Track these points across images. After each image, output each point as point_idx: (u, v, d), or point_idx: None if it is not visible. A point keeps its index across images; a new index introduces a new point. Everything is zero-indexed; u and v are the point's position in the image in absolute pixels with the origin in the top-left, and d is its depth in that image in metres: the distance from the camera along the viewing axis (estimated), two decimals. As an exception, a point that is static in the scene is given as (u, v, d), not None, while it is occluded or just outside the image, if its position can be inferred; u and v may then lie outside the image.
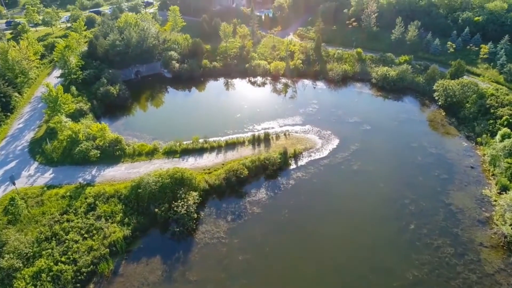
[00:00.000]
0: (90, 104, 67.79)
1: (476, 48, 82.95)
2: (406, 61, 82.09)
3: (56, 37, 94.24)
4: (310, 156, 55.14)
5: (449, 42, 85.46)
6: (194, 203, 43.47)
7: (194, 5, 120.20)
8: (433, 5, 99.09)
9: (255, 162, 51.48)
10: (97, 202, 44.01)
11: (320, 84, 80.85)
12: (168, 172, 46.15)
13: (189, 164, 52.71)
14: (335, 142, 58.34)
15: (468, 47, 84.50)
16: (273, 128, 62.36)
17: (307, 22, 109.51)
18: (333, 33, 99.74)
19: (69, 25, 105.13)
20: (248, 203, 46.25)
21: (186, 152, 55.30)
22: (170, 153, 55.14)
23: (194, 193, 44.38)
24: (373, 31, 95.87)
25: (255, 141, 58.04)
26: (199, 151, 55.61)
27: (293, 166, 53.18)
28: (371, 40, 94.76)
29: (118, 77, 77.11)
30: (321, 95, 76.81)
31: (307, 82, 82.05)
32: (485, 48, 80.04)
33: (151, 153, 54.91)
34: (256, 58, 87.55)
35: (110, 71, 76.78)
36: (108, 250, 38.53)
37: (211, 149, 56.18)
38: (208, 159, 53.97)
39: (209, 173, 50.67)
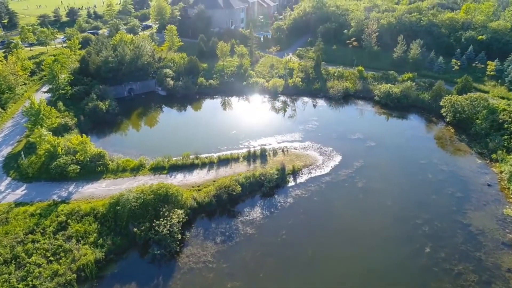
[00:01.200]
0: (76, 119, 63.84)
1: (482, 66, 79.95)
2: (409, 78, 78.88)
3: (49, 56, 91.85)
4: (310, 173, 50.40)
5: (453, 60, 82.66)
6: (178, 222, 38.39)
7: (192, 27, 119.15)
8: (434, 25, 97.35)
9: (250, 178, 46.72)
10: (69, 220, 38.97)
11: (320, 102, 77.24)
12: (151, 187, 41.33)
13: (177, 180, 47.97)
14: (337, 159, 53.74)
15: (474, 64, 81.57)
16: (270, 144, 57.96)
17: (307, 43, 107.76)
18: (333, 53, 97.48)
19: (65, 45, 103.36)
20: (240, 223, 41.07)
21: (175, 168, 50.69)
22: (157, 169, 50.53)
23: (179, 211, 39.36)
24: (374, 51, 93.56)
25: (250, 157, 53.52)
26: (189, 167, 51.01)
27: (291, 183, 48.35)
28: (372, 59, 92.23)
29: (109, 93, 73.69)
30: (322, 112, 73.03)
31: (306, 99, 78.51)
32: (492, 65, 76.92)
33: (136, 169, 50.30)
34: (254, 76, 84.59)
35: (101, 87, 73.48)
36: (75, 275, 33.13)
37: (202, 165, 51.59)
38: (198, 176, 49.25)
39: (199, 190, 45.80)
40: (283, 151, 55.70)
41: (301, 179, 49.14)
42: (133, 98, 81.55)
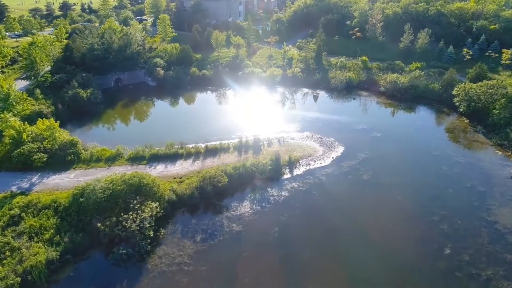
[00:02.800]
0: (53, 108, 58.22)
1: (496, 55, 74.02)
2: (418, 68, 73.04)
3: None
4: (309, 164, 44.46)
5: (464, 49, 76.76)
6: (151, 216, 32.49)
7: (188, 19, 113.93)
8: (442, 15, 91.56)
9: (239, 169, 40.81)
10: (23, 214, 33.09)
11: (321, 93, 71.42)
12: (123, 177, 35.48)
13: (157, 171, 42.13)
14: (339, 150, 47.81)
15: (487, 54, 75.64)
16: (265, 135, 52.05)
17: (308, 36, 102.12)
18: (335, 44, 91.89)
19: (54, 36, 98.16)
20: (226, 218, 35.11)
21: (156, 158, 44.90)
22: (136, 159, 44.74)
23: (153, 204, 33.45)
24: (378, 41, 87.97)
25: (242, 147, 47.66)
26: (172, 157, 45.20)
27: (287, 175, 42.40)
28: (376, 50, 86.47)
29: (92, 81, 68.12)
30: (322, 103, 67.25)
31: (306, 90, 72.75)
32: (507, 53, 70.97)
33: (112, 159, 44.53)
34: (250, 66, 78.90)
35: (84, 75, 67.96)
36: (19, 279, 27.20)
37: (188, 156, 45.75)
38: (182, 167, 43.40)
39: (180, 181, 39.91)
40: (279, 141, 49.82)
41: (298, 171, 43.21)
42: (121, 89, 76.00)
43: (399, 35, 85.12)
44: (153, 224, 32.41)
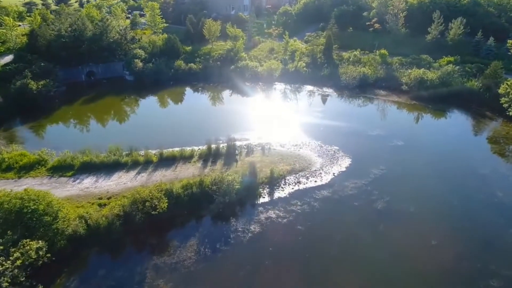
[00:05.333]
0: (-8, 101, 47.31)
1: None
2: (450, 62, 58.97)
3: None
4: (299, 182, 31.28)
5: (509, 41, 62.12)
6: (22, 265, 19.98)
7: (186, 12, 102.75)
8: (478, 4, 77.10)
9: (192, 188, 27.98)
10: None
11: (329, 91, 58.13)
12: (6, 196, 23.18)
13: (82, 186, 29.90)
14: (344, 163, 34.47)
15: (538, 47, 60.97)
16: (247, 140, 39.25)
17: (318, 29, 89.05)
18: (349, 37, 78.46)
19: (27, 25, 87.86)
20: (152, 270, 22.25)
21: (88, 168, 32.68)
22: (61, 168, 32.69)
23: (34, 245, 20.91)
24: (400, 34, 74.20)
25: (210, 156, 34.96)
26: (111, 167, 32.92)
27: (264, 198, 29.32)
28: (398, 44, 72.57)
29: (53, 73, 57.01)
30: (329, 103, 54.03)
31: (311, 88, 59.61)
32: None
33: (29, 168, 32.54)
34: (245, 59, 66.40)
35: (42, 64, 56.85)
36: None
37: (133, 165, 33.37)
38: (119, 181, 30.95)
39: (105, 204, 27.39)
40: (263, 148, 36.88)
41: (282, 191, 30.07)
42: (93, 84, 64.54)
43: (424, 27, 71.27)
44: (27, 274, 19.93)
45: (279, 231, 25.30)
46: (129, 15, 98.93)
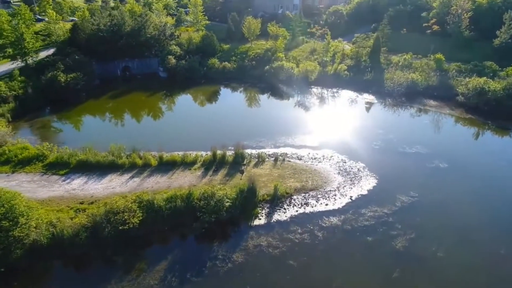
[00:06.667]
0: (22, 91, 48.15)
1: None
2: (520, 71, 49.88)
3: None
4: (306, 204, 26.47)
5: None
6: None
7: (232, 11, 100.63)
8: None
9: (175, 201, 24.45)
10: None
11: (370, 98, 51.88)
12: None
13: (69, 187, 27.87)
14: (366, 184, 28.96)
15: None
16: (262, 148, 35.10)
17: (370, 30, 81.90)
18: (402, 40, 70.60)
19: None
20: (107, 296, 19.07)
21: (83, 167, 30.72)
22: (56, 166, 31.08)
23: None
24: (463, 37, 65.02)
25: (214, 163, 31.34)
26: (105, 168, 30.60)
27: (260, 220, 24.97)
28: (459, 48, 63.79)
29: (87, 66, 57.24)
30: (366, 111, 48.12)
31: (349, 93, 53.79)
32: None
33: (26, 162, 31.33)
34: (282, 60, 62.02)
35: (77, 57, 57.23)
36: None
37: (130, 168, 30.84)
38: (108, 184, 28.44)
39: (84, 210, 24.88)
40: (276, 159, 32.45)
41: (284, 214, 25.51)
42: (128, 79, 64.33)
43: (492, 30, 61.68)
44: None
45: (265, 265, 20.87)
46: (176, 13, 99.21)
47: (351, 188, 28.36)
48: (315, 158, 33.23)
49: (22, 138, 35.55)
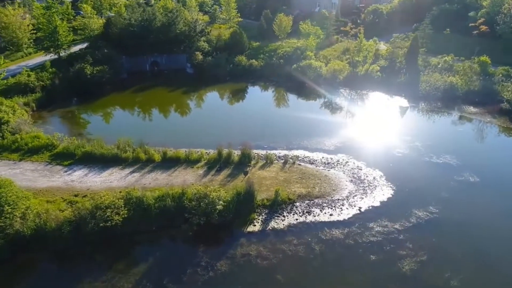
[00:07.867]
0: (49, 82, 49.54)
1: None
2: None
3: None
4: (309, 212, 24.18)
5: None
6: None
7: (268, 8, 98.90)
8: None
9: (166, 200, 23.12)
10: None
11: (401, 101, 47.97)
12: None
13: (68, 179, 27.56)
14: (381, 195, 26.09)
15: None
16: (274, 149, 33.11)
17: (411, 30, 76.85)
18: (445, 41, 65.34)
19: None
20: (76, 296, 18.05)
21: (87, 159, 30.38)
22: (62, 156, 31.02)
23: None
24: (514, 39, 58.92)
25: (219, 163, 29.78)
26: (108, 161, 30.04)
27: (254, 226, 23.05)
28: (508, 51, 57.82)
29: (116, 60, 58.09)
30: (396, 114, 44.43)
31: (380, 95, 50.25)
32: None
33: (35, 151, 31.58)
34: (310, 58, 59.38)
35: (106, 51, 58.18)
36: None
37: (132, 162, 30.09)
38: (107, 178, 27.82)
39: (76, 202, 24.26)
40: (285, 161, 30.32)
41: (282, 221, 23.40)
42: (156, 74, 64.59)
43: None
44: None
45: (249, 277, 18.96)
46: (211, 10, 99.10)
47: (362, 198, 25.65)
48: (328, 163, 30.70)
49: (39, 127, 36.06)
